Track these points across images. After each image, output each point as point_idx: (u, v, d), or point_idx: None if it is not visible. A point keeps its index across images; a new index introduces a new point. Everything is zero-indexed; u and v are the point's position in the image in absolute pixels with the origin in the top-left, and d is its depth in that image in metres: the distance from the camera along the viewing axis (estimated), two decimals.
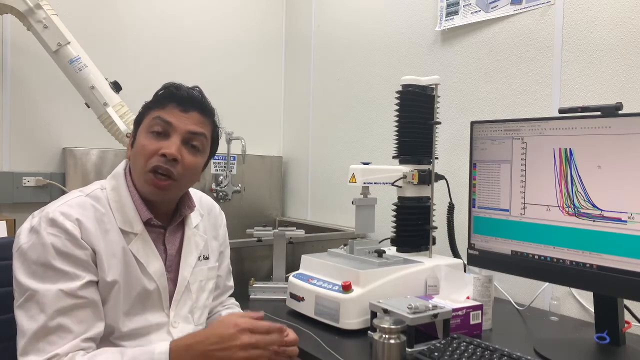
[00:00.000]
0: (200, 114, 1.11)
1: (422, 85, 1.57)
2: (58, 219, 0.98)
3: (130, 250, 1.05)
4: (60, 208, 1.00)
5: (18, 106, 2.09)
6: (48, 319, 0.92)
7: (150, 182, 1.05)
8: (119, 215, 1.06)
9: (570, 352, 1.17)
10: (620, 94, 1.44)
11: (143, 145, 1.06)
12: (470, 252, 1.39)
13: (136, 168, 1.08)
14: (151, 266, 1.07)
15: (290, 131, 2.82)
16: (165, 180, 1.06)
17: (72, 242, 0.97)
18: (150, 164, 1.05)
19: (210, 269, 1.22)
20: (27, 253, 0.96)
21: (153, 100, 1.11)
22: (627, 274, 1.09)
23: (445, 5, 1.92)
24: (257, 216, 2.64)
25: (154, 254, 1.09)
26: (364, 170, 1.46)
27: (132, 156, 1.11)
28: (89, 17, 2.21)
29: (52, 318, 0.92)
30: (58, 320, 0.93)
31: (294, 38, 2.79)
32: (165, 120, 1.06)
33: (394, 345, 1.04)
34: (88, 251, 0.99)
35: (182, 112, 1.08)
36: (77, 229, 0.98)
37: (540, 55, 1.64)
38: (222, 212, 1.34)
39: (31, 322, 0.92)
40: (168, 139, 1.06)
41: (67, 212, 0.99)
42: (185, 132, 1.07)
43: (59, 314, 0.93)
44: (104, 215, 1.04)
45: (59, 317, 0.93)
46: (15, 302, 0.96)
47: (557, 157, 1.21)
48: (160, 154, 1.04)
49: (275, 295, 1.63)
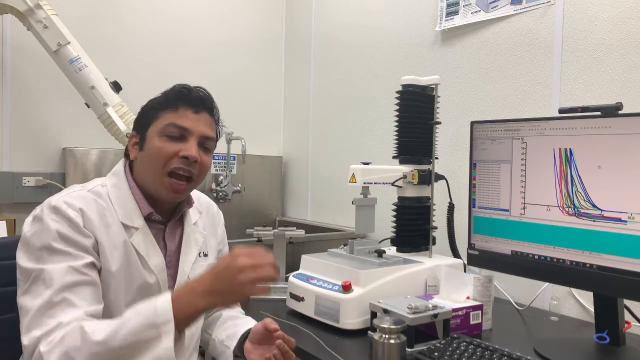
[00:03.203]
0: (210, 115, 1.14)
1: (422, 85, 1.57)
2: (61, 207, 1.00)
3: (132, 243, 1.06)
4: (63, 198, 1.02)
5: (18, 106, 2.09)
6: (53, 294, 0.92)
7: (169, 186, 1.08)
8: (120, 210, 1.07)
9: (570, 352, 1.17)
10: (620, 94, 1.44)
11: (160, 148, 1.07)
12: (470, 252, 1.39)
13: (150, 170, 1.08)
14: (152, 260, 1.08)
15: (290, 131, 2.82)
16: (184, 183, 1.09)
17: (74, 229, 0.99)
18: (169, 166, 1.07)
19: (209, 265, 1.22)
20: (30, 240, 0.98)
21: (163, 101, 1.12)
22: (627, 274, 1.09)
23: (445, 5, 1.92)
24: (257, 216, 2.64)
25: (155, 248, 1.10)
26: (364, 170, 1.46)
27: (144, 157, 1.10)
28: (89, 17, 2.22)
29: (58, 293, 0.93)
30: (63, 295, 0.93)
31: (294, 38, 2.79)
32: (180, 127, 1.08)
33: (394, 345, 1.04)
34: (91, 239, 1.00)
35: (194, 114, 1.10)
36: (79, 217, 1.00)
37: (540, 55, 1.64)
38: (220, 211, 1.35)
39: (36, 299, 0.92)
40: (186, 142, 1.09)
41: (70, 202, 1.01)
42: (200, 135, 1.10)
43: (64, 289, 0.93)
44: (105, 210, 1.06)
45: (64, 292, 0.93)
46: (20, 291, 0.96)
47: (557, 157, 1.21)
48: (182, 156, 1.07)
49: (275, 296, 1.62)
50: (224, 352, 1.21)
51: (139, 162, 1.12)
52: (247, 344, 1.16)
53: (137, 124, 1.15)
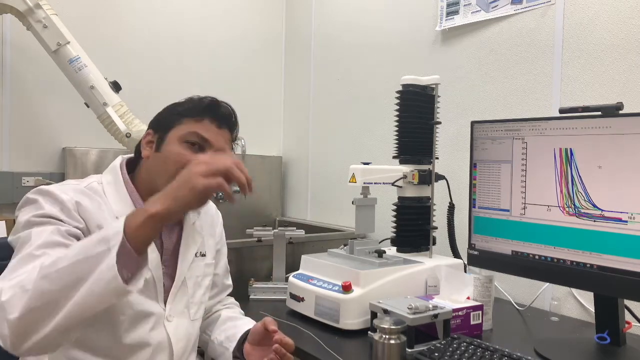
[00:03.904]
0: (230, 133, 1.14)
1: (422, 85, 1.57)
2: (55, 191, 1.00)
3: None
4: (57, 187, 1.02)
5: (18, 106, 2.09)
6: (34, 249, 0.89)
7: None
8: (116, 206, 1.07)
9: (571, 353, 1.17)
10: (621, 93, 1.44)
11: (178, 154, 1.07)
12: (470, 252, 1.39)
13: (163, 172, 1.06)
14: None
15: (290, 131, 2.82)
16: None
17: (67, 213, 0.98)
18: None
19: (207, 265, 1.22)
20: (21, 220, 0.97)
21: (190, 109, 1.11)
22: (627, 274, 1.09)
23: (445, 5, 1.92)
24: (257, 216, 2.64)
25: (151, 245, 1.08)
26: (364, 170, 1.46)
27: (159, 158, 1.10)
28: (88, 17, 2.21)
29: (39, 248, 0.90)
30: (43, 250, 0.89)
31: (294, 38, 2.79)
32: (202, 137, 1.08)
33: (394, 345, 1.04)
34: (82, 225, 0.99)
35: (217, 128, 1.11)
36: (73, 204, 1.00)
37: (540, 55, 1.64)
38: (219, 212, 1.35)
39: (17, 255, 0.91)
40: (203, 153, 1.08)
41: (65, 190, 1.01)
42: (218, 150, 1.10)
43: (46, 246, 0.90)
44: (100, 205, 1.05)
45: (45, 247, 0.90)
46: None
47: (558, 157, 1.21)
48: None
49: (275, 296, 1.62)
50: (224, 354, 1.21)
51: (152, 162, 1.11)
52: (246, 345, 1.16)
53: (156, 123, 1.14)
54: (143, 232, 0.82)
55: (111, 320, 1.02)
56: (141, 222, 0.81)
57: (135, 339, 1.04)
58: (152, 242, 0.86)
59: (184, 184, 0.83)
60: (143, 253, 0.84)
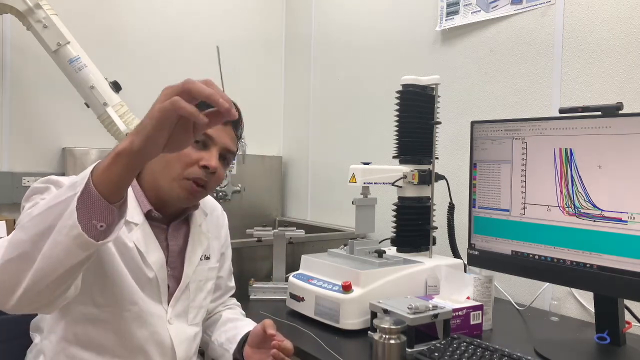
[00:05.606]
0: (234, 130, 1.13)
1: (422, 85, 1.57)
2: (60, 179, 0.98)
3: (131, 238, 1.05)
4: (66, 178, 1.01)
5: (18, 106, 2.09)
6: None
7: (187, 189, 1.07)
8: None
9: (571, 353, 1.17)
10: (621, 93, 1.44)
11: (181, 153, 1.05)
12: (470, 252, 1.39)
13: (166, 172, 1.07)
14: (151, 256, 1.06)
15: (290, 131, 2.82)
16: (200, 189, 1.08)
17: None
18: (189, 173, 1.06)
19: (210, 269, 1.22)
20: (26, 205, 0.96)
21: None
22: (627, 274, 1.09)
23: (445, 5, 1.92)
24: (257, 216, 2.64)
25: (155, 245, 1.08)
26: (364, 170, 1.46)
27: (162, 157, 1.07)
28: (88, 17, 2.21)
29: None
30: None
31: (294, 38, 2.79)
32: (206, 134, 1.07)
33: (394, 345, 1.04)
34: None
35: (221, 125, 1.08)
36: None
37: (540, 55, 1.64)
38: (225, 213, 1.34)
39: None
40: (207, 151, 1.08)
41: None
42: (223, 147, 1.10)
43: None
44: None
45: None
46: None
47: (558, 157, 1.21)
48: (202, 166, 1.06)
49: (275, 296, 1.62)
50: (224, 355, 1.21)
51: (155, 161, 1.10)
52: (246, 348, 1.16)
53: None
54: (110, 173, 0.74)
55: (114, 317, 1.02)
56: (107, 163, 0.74)
57: (137, 340, 1.04)
58: (124, 188, 0.77)
59: (145, 116, 0.75)
60: (116, 201, 0.76)
